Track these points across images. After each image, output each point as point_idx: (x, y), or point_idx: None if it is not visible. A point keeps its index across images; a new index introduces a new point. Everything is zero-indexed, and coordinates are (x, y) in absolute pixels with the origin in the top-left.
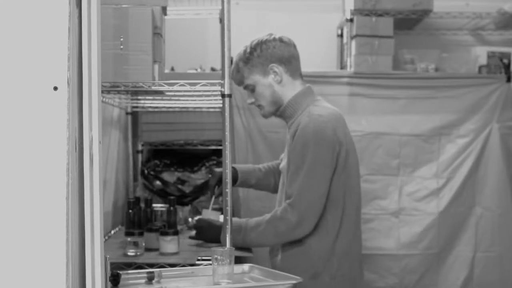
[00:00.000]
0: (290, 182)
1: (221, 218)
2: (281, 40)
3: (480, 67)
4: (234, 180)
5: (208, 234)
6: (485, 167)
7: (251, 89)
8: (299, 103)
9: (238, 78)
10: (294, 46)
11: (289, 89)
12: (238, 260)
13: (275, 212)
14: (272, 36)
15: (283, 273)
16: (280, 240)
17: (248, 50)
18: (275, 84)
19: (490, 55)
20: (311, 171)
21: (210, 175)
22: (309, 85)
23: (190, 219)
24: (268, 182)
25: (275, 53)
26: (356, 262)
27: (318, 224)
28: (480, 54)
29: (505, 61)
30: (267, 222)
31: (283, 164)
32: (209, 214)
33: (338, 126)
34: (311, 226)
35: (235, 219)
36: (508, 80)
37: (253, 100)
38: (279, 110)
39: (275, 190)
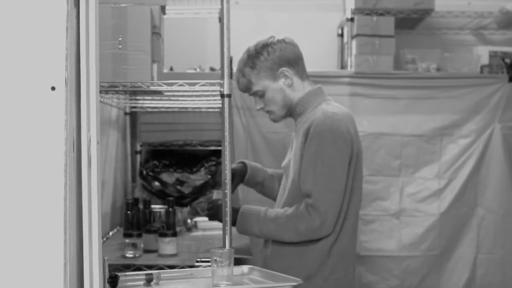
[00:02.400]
0: (304, 179)
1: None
2: (285, 41)
3: (482, 67)
4: (244, 175)
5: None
6: (487, 167)
7: (260, 95)
8: (310, 101)
9: (244, 84)
10: (298, 46)
11: (299, 90)
12: (238, 262)
13: (297, 209)
14: (276, 38)
15: (282, 275)
16: (298, 238)
17: (254, 54)
18: (286, 88)
19: (492, 55)
20: (330, 169)
21: (209, 176)
22: (320, 85)
23: (189, 220)
24: (272, 186)
25: (282, 55)
26: (351, 265)
27: None
28: (482, 53)
29: (507, 60)
30: (287, 217)
31: (285, 162)
32: (221, 194)
33: (351, 125)
34: (332, 227)
35: (254, 206)
36: (510, 80)
37: (262, 105)
38: (289, 110)
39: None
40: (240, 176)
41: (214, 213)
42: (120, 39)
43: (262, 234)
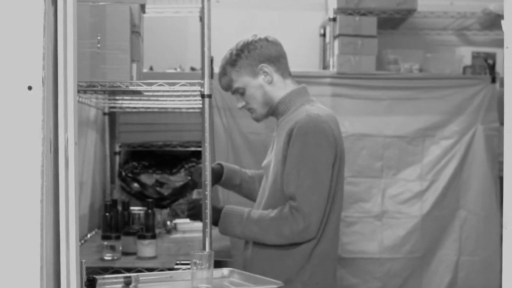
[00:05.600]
0: (288, 181)
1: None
2: (267, 39)
3: (465, 68)
4: (219, 176)
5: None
6: (469, 169)
7: (241, 92)
8: (293, 100)
9: (226, 83)
10: (281, 45)
11: (281, 88)
12: (218, 264)
13: (281, 211)
14: (258, 37)
15: (263, 277)
16: (281, 241)
17: (235, 52)
18: (266, 84)
19: (475, 56)
20: (314, 172)
21: (191, 172)
22: (304, 85)
23: (168, 222)
24: (253, 188)
25: (263, 52)
26: (331, 269)
27: None
28: (465, 54)
29: (490, 61)
30: (271, 220)
31: (265, 163)
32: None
33: (335, 127)
34: (316, 230)
35: (237, 207)
36: (493, 81)
37: (243, 103)
38: (271, 108)
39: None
40: (215, 177)
41: (196, 213)
42: (98, 38)
43: (244, 235)
